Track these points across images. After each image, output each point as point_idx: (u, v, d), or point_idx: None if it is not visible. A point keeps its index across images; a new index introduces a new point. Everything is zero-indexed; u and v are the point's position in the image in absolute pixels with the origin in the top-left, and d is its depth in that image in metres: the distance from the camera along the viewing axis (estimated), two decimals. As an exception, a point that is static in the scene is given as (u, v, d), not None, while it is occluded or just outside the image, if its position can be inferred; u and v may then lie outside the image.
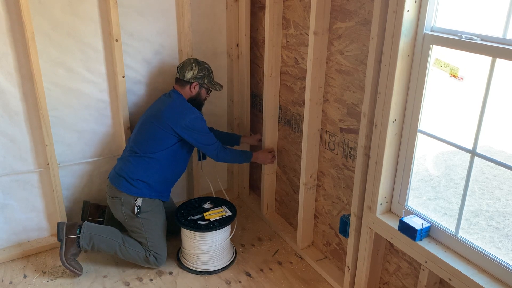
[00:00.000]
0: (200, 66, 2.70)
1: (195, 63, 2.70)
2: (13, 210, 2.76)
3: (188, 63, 2.69)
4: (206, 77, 2.71)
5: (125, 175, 2.59)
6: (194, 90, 2.71)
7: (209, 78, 2.74)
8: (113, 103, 2.87)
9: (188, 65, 2.69)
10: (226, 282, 2.64)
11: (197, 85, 2.70)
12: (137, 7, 2.77)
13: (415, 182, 2.18)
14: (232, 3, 3.06)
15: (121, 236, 2.63)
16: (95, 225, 2.65)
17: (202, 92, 2.75)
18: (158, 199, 2.70)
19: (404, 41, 1.87)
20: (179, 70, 2.70)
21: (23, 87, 2.55)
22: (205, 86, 2.74)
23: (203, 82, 2.71)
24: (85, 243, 2.57)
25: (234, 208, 2.81)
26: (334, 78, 2.39)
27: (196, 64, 2.69)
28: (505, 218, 2.09)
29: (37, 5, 2.47)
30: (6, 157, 2.63)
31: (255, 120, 3.26)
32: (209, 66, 2.77)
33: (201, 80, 2.70)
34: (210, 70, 2.76)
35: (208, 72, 2.73)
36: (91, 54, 2.70)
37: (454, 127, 2.03)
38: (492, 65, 1.63)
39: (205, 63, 2.76)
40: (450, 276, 1.85)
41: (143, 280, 2.63)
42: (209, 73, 2.74)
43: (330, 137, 2.52)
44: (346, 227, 2.41)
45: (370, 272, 2.34)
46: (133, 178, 2.59)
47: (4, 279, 2.61)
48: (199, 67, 2.69)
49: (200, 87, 2.72)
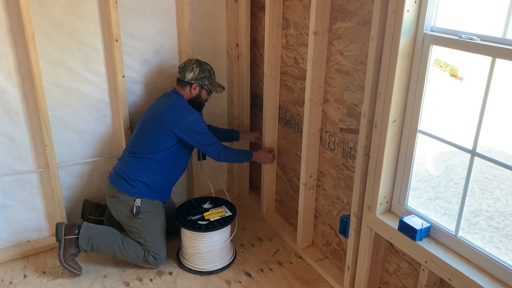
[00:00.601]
0: (201, 67, 2.68)
1: (196, 64, 2.68)
2: (13, 210, 2.76)
3: (189, 64, 2.68)
4: (207, 79, 2.69)
5: (124, 175, 2.59)
6: (195, 91, 2.69)
7: (210, 79, 2.72)
8: (113, 103, 2.87)
9: (189, 66, 2.67)
10: (226, 282, 2.64)
11: (198, 86, 2.68)
12: (137, 7, 2.77)
13: (415, 182, 2.18)
14: (232, 3, 3.06)
15: (120, 236, 2.63)
16: (94, 226, 2.65)
17: (203, 94, 2.73)
18: (158, 200, 2.70)
19: (404, 41, 1.87)
20: (180, 71, 2.69)
21: (23, 87, 2.55)
22: (205, 87, 2.72)
23: (203, 84, 2.69)
24: (84, 244, 2.57)
25: (234, 208, 2.81)
26: (334, 78, 2.39)
27: (197, 65, 2.67)
28: (505, 218, 2.09)
29: (37, 5, 2.47)
30: (6, 157, 2.63)
31: (255, 120, 3.26)
32: (211, 67, 2.75)
33: (202, 82, 2.68)
34: (211, 72, 2.74)
35: (209, 73, 2.71)
36: (91, 54, 2.70)
37: (454, 127, 2.03)
38: (492, 65, 1.63)
39: (207, 64, 2.74)
40: (450, 276, 1.85)
41: (143, 280, 2.63)
42: (210, 75, 2.72)
43: (330, 137, 2.52)
44: (346, 227, 2.41)
45: (370, 272, 2.34)
46: (132, 179, 2.58)
47: (4, 279, 2.61)
48: (200, 68, 2.67)
49: (200, 88, 2.70)
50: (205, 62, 2.74)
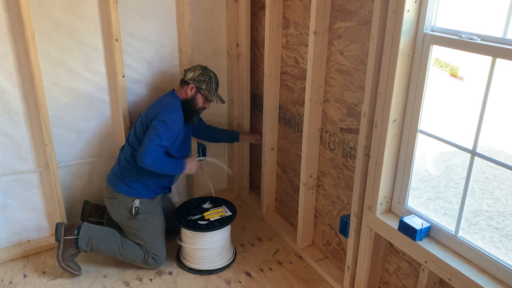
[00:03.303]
0: (204, 71, 2.64)
1: (200, 67, 2.65)
2: (13, 210, 2.76)
3: (194, 66, 2.68)
4: (205, 83, 2.63)
5: (121, 176, 2.59)
6: (190, 93, 2.63)
7: (209, 86, 2.65)
8: (113, 103, 2.87)
9: (194, 67, 2.67)
10: (226, 282, 2.64)
11: (194, 88, 2.63)
12: (137, 7, 2.77)
13: (415, 182, 2.18)
14: (232, 3, 3.06)
15: (120, 237, 2.62)
16: (94, 226, 2.64)
17: (198, 98, 2.65)
18: (157, 198, 2.68)
19: (404, 41, 1.87)
20: (184, 71, 2.69)
21: (23, 87, 2.55)
22: (202, 92, 2.64)
23: (200, 87, 2.62)
24: (84, 244, 2.56)
25: (234, 208, 2.81)
26: (334, 78, 2.39)
27: (200, 69, 2.65)
28: (505, 218, 2.09)
29: (37, 5, 2.47)
30: (6, 157, 2.63)
31: (255, 120, 3.26)
32: (215, 76, 2.69)
33: (199, 84, 2.62)
34: (213, 80, 2.66)
35: (209, 79, 2.64)
36: (91, 54, 2.70)
37: (454, 127, 2.03)
38: (492, 65, 1.63)
39: (212, 72, 2.68)
40: (450, 276, 1.85)
41: (143, 280, 2.63)
42: (211, 82, 2.65)
43: (330, 137, 2.52)
44: (346, 227, 2.41)
45: (370, 272, 2.34)
46: (130, 180, 2.58)
47: (4, 279, 2.61)
48: (201, 71, 2.64)
49: (196, 91, 2.64)
50: (211, 70, 2.70)
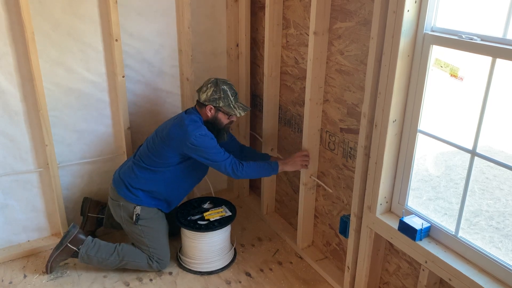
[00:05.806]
0: (216, 88, 2.45)
1: (211, 83, 2.47)
2: (13, 210, 2.76)
3: (205, 84, 2.50)
4: (221, 100, 2.44)
5: (127, 182, 2.56)
6: (211, 114, 2.48)
7: (226, 100, 2.45)
8: (113, 103, 2.87)
9: (205, 85, 2.49)
10: (226, 282, 2.64)
11: (212, 108, 2.46)
12: (137, 7, 2.77)
13: (415, 182, 2.17)
14: (232, 3, 3.06)
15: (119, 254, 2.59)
16: (95, 245, 2.59)
17: (220, 117, 2.49)
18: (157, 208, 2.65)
19: (404, 41, 1.87)
20: (197, 91, 2.55)
21: (23, 87, 2.55)
22: (222, 110, 2.47)
23: (218, 106, 2.46)
24: (84, 261, 2.59)
25: (234, 208, 2.81)
26: (334, 78, 2.39)
27: (212, 85, 2.46)
28: (505, 218, 2.09)
29: (37, 5, 2.47)
30: (6, 157, 2.63)
31: (255, 120, 3.26)
32: (229, 87, 2.49)
33: (216, 104, 2.45)
34: (229, 92, 2.47)
35: (224, 94, 2.45)
36: (91, 54, 2.70)
37: (454, 127, 2.03)
38: (492, 65, 1.63)
39: (225, 84, 2.48)
40: (450, 276, 1.85)
41: (143, 280, 2.63)
42: (226, 96, 2.46)
43: (330, 137, 2.52)
44: (346, 227, 2.41)
45: (370, 272, 2.34)
46: (134, 187, 2.55)
47: (4, 279, 2.61)
48: (214, 88, 2.45)
49: (216, 110, 2.47)
50: (223, 81, 2.50)
